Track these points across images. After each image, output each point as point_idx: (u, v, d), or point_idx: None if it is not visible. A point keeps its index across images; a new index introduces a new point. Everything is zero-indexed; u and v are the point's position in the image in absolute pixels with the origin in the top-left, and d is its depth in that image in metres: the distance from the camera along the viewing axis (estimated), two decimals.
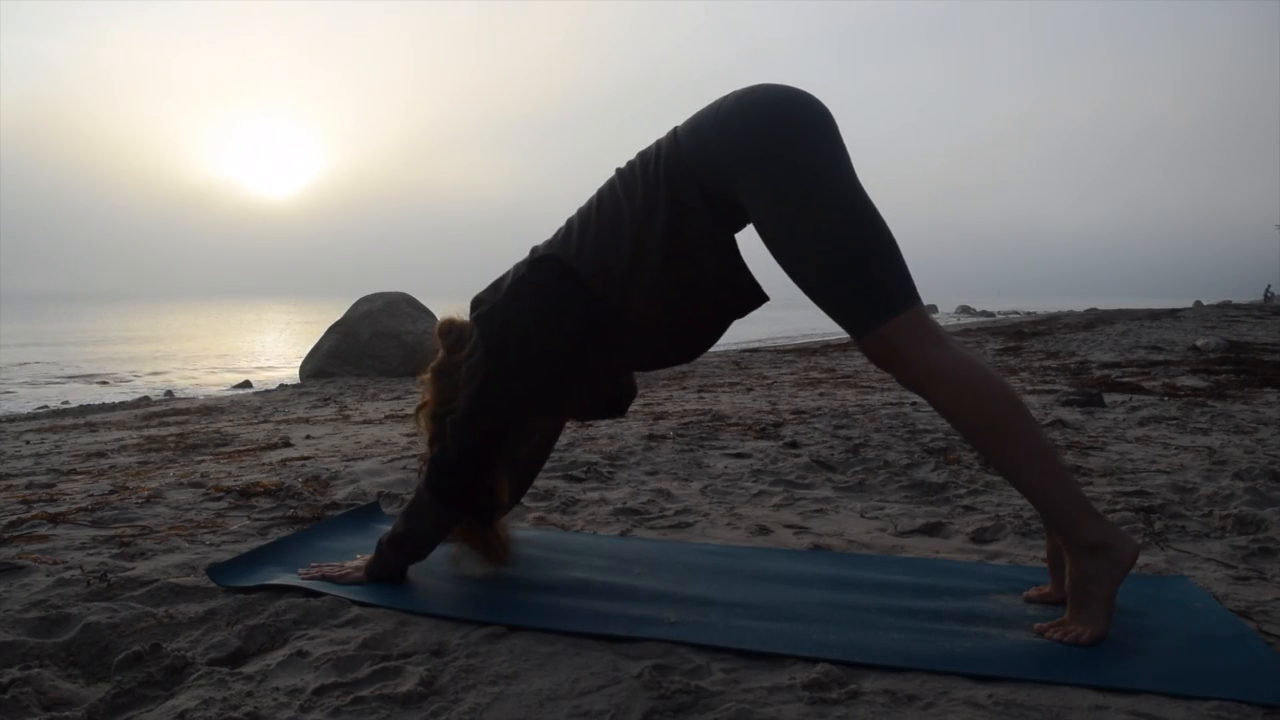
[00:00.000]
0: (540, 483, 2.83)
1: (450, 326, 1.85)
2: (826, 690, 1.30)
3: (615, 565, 1.92)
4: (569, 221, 1.73)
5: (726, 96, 1.59)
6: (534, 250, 1.76)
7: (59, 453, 4.16)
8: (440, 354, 1.85)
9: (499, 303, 1.72)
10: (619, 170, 1.69)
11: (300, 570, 1.84)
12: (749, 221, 1.60)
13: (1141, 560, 1.98)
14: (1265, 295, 42.65)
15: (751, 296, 1.64)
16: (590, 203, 1.71)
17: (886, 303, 1.48)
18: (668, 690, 1.30)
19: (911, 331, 1.48)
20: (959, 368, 1.48)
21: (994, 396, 1.47)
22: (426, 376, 1.86)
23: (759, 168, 1.50)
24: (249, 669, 1.43)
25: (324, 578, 1.79)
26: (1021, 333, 15.03)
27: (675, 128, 1.64)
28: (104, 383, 12.86)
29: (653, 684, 1.32)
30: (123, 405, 8.72)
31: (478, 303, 1.80)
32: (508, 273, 1.79)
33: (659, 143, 1.64)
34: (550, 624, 1.56)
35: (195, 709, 1.30)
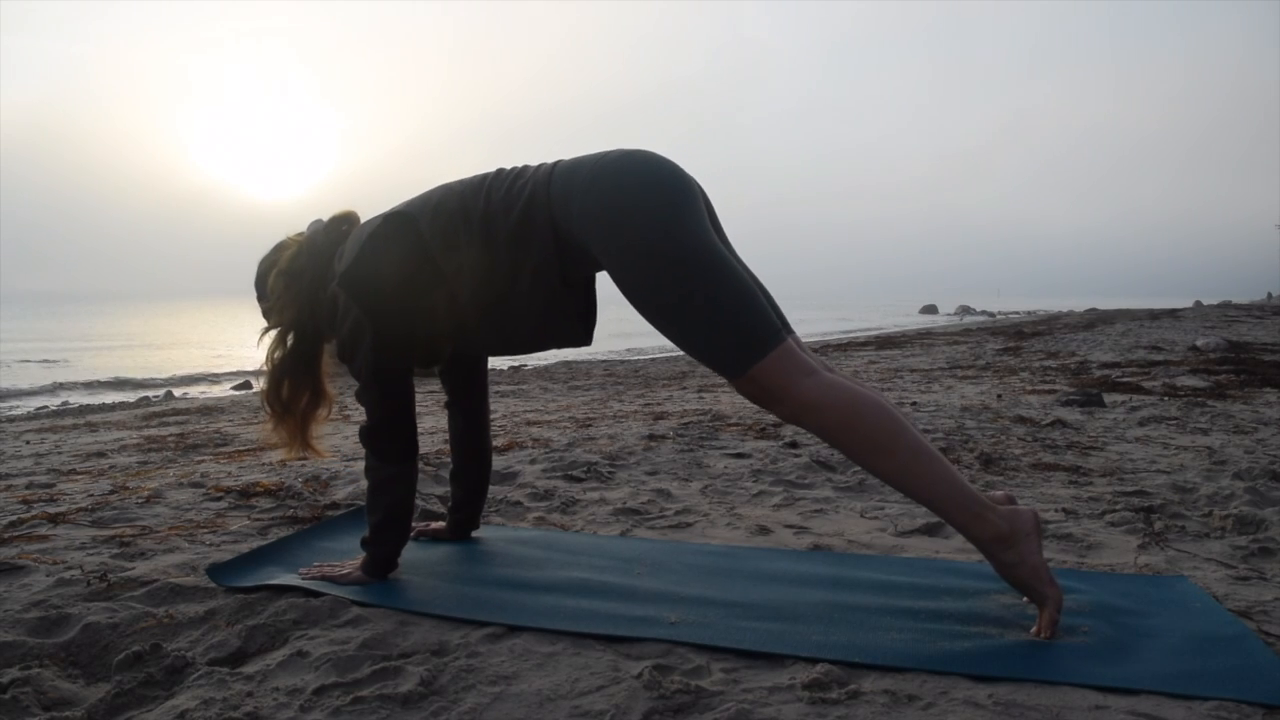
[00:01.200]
0: (540, 483, 2.83)
1: (354, 215, 1.94)
2: (826, 690, 1.30)
3: (615, 565, 1.92)
4: (433, 190, 1.80)
5: (609, 152, 1.66)
6: (393, 208, 1.82)
7: (59, 453, 4.16)
8: (325, 222, 1.92)
9: (357, 259, 1.77)
10: (500, 169, 1.76)
11: (300, 570, 1.84)
12: (598, 269, 1.69)
13: (1141, 560, 1.98)
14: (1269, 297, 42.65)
15: (567, 335, 1.75)
16: (457, 184, 1.78)
17: (751, 347, 1.54)
18: (668, 690, 1.30)
19: (779, 370, 1.54)
20: (828, 395, 1.53)
21: (866, 417, 1.52)
22: (296, 238, 1.93)
23: (616, 231, 1.57)
24: (249, 669, 1.43)
25: (324, 578, 1.79)
26: (1021, 333, 15.03)
27: (558, 162, 1.70)
28: (103, 382, 12.87)
29: (653, 684, 1.32)
30: (123, 405, 8.73)
31: (337, 258, 1.86)
32: (361, 228, 1.83)
33: (540, 166, 1.72)
34: (550, 624, 1.56)
35: (195, 709, 1.30)
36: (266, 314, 1.95)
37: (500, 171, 1.74)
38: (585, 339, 1.77)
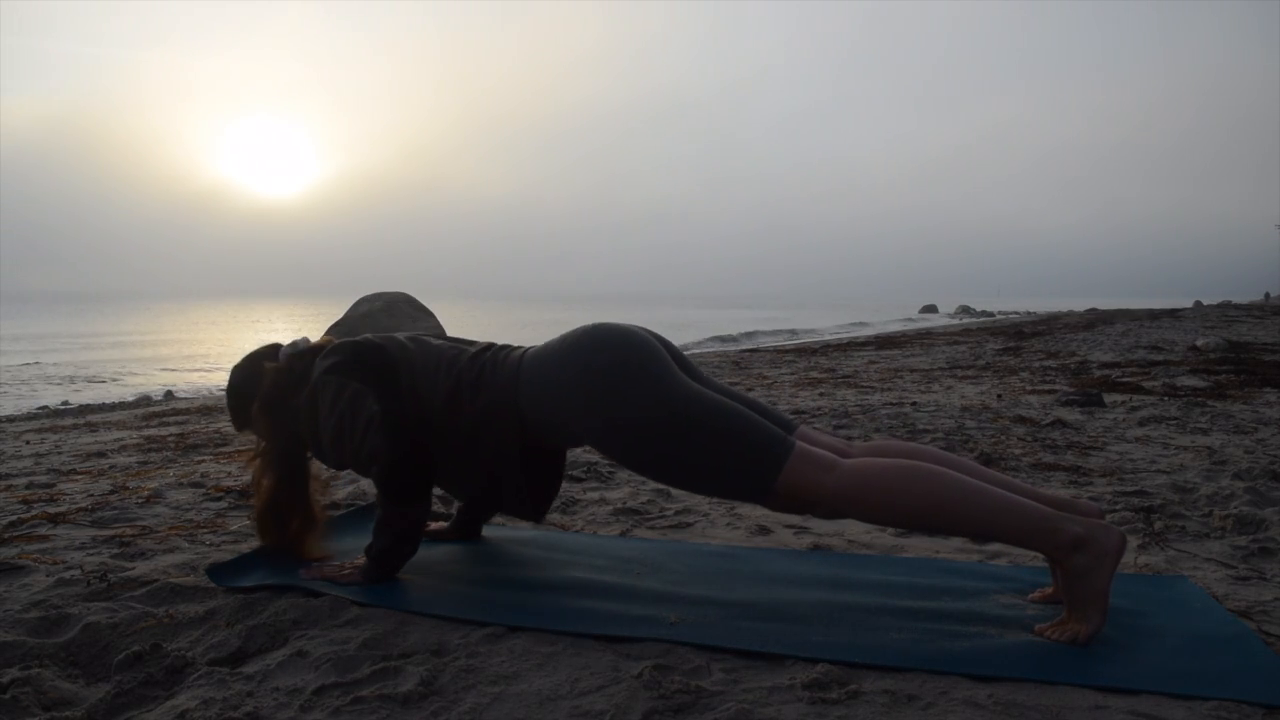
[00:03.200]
0: None
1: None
2: (826, 690, 1.30)
3: (615, 565, 1.92)
4: (405, 340, 1.85)
5: (571, 335, 1.70)
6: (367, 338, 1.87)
7: (59, 453, 4.16)
8: (302, 348, 1.90)
9: (354, 342, 1.81)
10: (479, 352, 1.80)
11: (302, 571, 1.83)
12: (572, 445, 1.75)
13: (1141, 560, 1.98)
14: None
15: (518, 512, 1.85)
16: (431, 343, 1.84)
17: (764, 467, 1.56)
18: (668, 690, 1.30)
19: (799, 477, 1.55)
20: (857, 480, 1.54)
21: (900, 487, 1.52)
22: (272, 364, 1.90)
23: (597, 410, 1.62)
24: (249, 669, 1.43)
25: (325, 578, 1.79)
26: (1021, 333, 15.03)
27: (525, 352, 1.75)
28: (104, 383, 12.87)
29: (653, 684, 1.32)
30: (123, 405, 8.73)
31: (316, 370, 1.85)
32: (343, 340, 1.87)
33: (509, 357, 1.75)
34: (550, 624, 1.56)
35: (195, 709, 1.30)
36: (237, 424, 1.97)
37: (478, 356, 1.77)
38: (536, 518, 1.87)
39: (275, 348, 1.97)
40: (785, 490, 1.55)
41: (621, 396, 1.60)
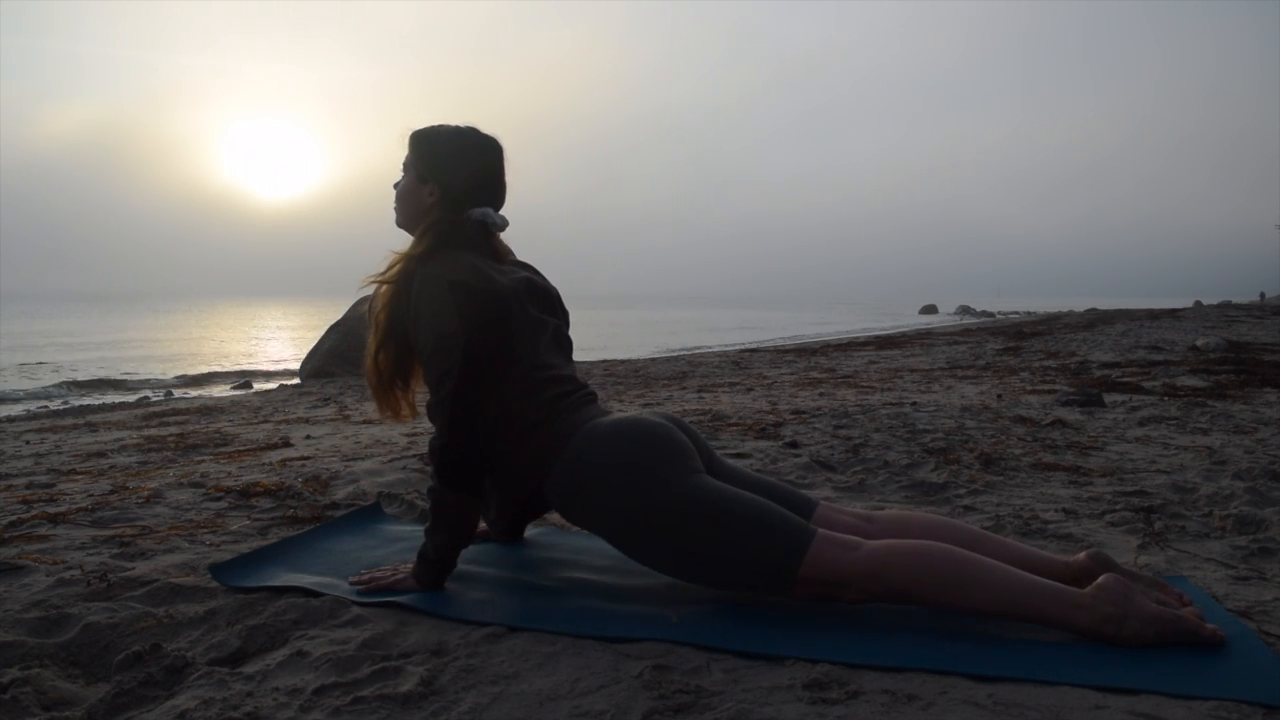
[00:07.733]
0: None
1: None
2: (826, 690, 1.30)
3: (615, 565, 1.92)
4: (541, 334, 1.85)
5: (605, 437, 1.71)
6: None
7: (59, 453, 4.16)
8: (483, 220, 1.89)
9: (495, 297, 1.77)
10: (557, 396, 1.79)
11: (352, 579, 1.80)
12: (579, 524, 1.80)
13: (1141, 560, 1.98)
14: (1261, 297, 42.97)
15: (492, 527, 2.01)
16: (541, 365, 1.82)
17: (786, 555, 1.56)
18: (668, 690, 1.30)
19: (824, 560, 1.55)
20: (882, 556, 1.54)
21: (926, 563, 1.53)
22: (466, 222, 1.86)
23: (621, 514, 1.66)
24: (249, 669, 1.43)
25: (378, 588, 1.74)
26: (1021, 333, 15.03)
27: (584, 424, 1.75)
28: (104, 383, 12.86)
29: (653, 684, 1.32)
30: (123, 405, 8.73)
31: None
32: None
33: (574, 419, 1.77)
34: (550, 624, 1.56)
35: (195, 709, 1.30)
36: (418, 166, 1.87)
37: (557, 401, 1.78)
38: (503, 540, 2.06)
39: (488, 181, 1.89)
40: (811, 575, 1.55)
41: (642, 495, 1.63)
